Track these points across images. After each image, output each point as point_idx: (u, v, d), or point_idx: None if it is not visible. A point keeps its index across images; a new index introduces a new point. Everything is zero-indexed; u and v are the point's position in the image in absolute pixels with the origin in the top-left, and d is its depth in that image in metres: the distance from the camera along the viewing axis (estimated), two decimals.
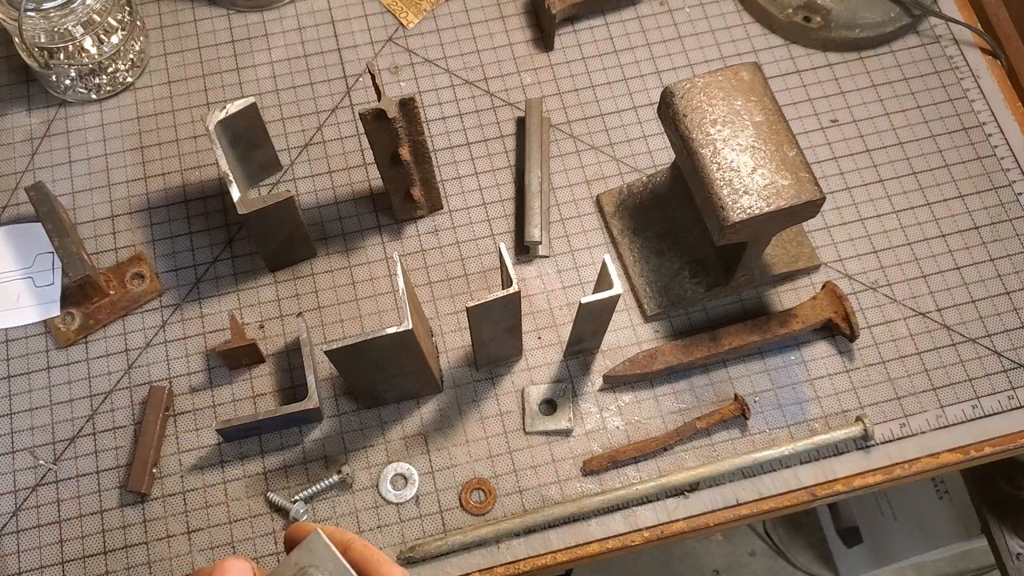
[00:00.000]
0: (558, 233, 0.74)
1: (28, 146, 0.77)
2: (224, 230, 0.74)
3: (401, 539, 0.64)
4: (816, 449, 0.66)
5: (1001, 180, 0.76)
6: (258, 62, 0.80)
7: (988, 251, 0.74)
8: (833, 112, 0.79)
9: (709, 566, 1.46)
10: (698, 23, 0.83)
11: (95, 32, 0.74)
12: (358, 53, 0.81)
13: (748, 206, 0.58)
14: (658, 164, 0.77)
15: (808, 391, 0.69)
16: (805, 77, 0.80)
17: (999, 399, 0.68)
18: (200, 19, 0.82)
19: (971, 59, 0.81)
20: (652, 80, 0.80)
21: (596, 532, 0.64)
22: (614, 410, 0.68)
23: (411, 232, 0.74)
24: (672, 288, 0.70)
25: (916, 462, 0.67)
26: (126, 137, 0.77)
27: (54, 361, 0.69)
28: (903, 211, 0.75)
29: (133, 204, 0.75)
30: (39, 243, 0.72)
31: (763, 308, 0.72)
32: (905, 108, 0.79)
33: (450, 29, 0.82)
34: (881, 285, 0.72)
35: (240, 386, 0.68)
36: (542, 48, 0.81)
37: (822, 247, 0.73)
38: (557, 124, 0.78)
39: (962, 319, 0.71)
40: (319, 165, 0.76)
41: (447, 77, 0.80)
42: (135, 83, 0.79)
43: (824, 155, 0.77)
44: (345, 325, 0.70)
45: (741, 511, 0.65)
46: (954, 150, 0.78)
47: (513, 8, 0.83)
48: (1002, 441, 0.67)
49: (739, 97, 0.61)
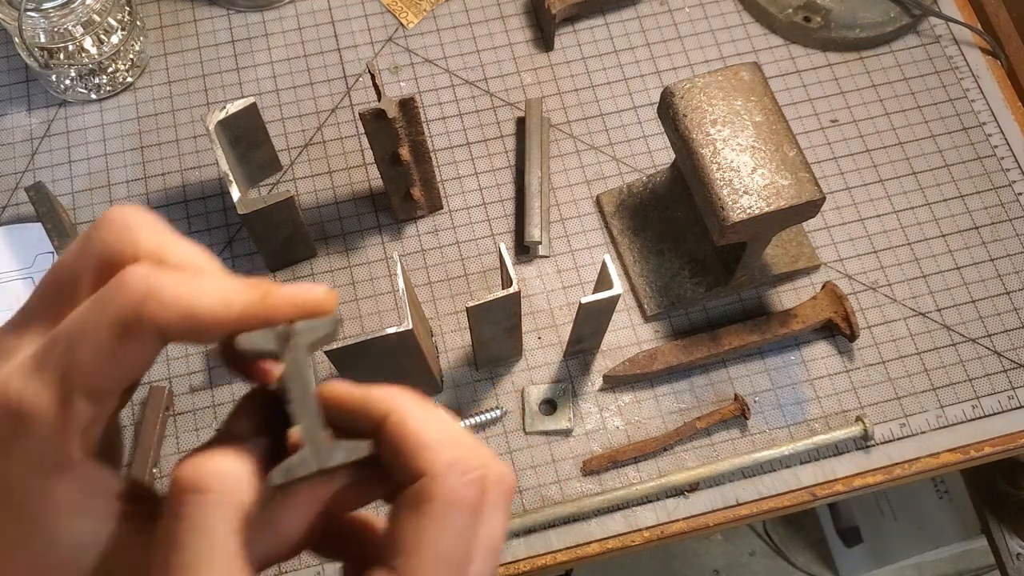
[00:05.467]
0: (558, 233, 0.74)
1: (28, 146, 0.77)
2: (224, 230, 0.74)
3: None
4: (816, 449, 0.66)
5: (1001, 180, 0.76)
6: (258, 62, 0.80)
7: (988, 251, 0.74)
8: (833, 112, 0.79)
9: (709, 566, 1.46)
10: (698, 23, 0.83)
11: (95, 32, 0.74)
12: (358, 53, 0.81)
13: (748, 206, 0.58)
14: (658, 164, 0.77)
15: (808, 391, 0.69)
16: (805, 77, 0.80)
17: (999, 399, 0.68)
18: (200, 19, 0.82)
19: (971, 59, 0.81)
20: (652, 80, 0.80)
21: (596, 532, 0.64)
22: (614, 410, 0.68)
23: (411, 232, 0.74)
24: (672, 288, 0.70)
25: (916, 462, 0.67)
26: (126, 137, 0.77)
27: None
28: (903, 211, 0.75)
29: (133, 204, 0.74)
30: (39, 243, 0.72)
31: (763, 308, 0.72)
32: (905, 108, 0.79)
33: (450, 29, 0.82)
34: (881, 285, 0.72)
35: (240, 386, 0.68)
36: (542, 48, 0.81)
37: (822, 247, 0.73)
38: (557, 124, 0.78)
39: (962, 319, 0.71)
40: (319, 165, 0.76)
41: (447, 77, 0.80)
42: (135, 83, 0.79)
43: (824, 155, 0.77)
44: (345, 325, 0.70)
45: (741, 511, 0.65)
46: (954, 150, 0.78)
47: (513, 8, 0.83)
48: (1002, 441, 0.67)
49: (739, 97, 0.61)
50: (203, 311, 0.25)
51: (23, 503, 0.24)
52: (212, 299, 0.25)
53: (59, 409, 0.24)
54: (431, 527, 0.26)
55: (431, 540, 0.25)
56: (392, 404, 0.27)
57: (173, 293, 0.24)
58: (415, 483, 0.26)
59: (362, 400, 0.28)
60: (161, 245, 0.26)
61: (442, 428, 0.27)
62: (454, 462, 0.26)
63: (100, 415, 0.25)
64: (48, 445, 0.24)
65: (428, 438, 0.27)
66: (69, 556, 0.25)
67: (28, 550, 0.25)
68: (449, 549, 0.26)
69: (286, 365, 0.27)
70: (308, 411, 0.27)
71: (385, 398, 0.28)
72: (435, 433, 0.27)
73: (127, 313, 0.24)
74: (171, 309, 0.24)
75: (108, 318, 0.24)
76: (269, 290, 0.26)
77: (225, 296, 0.25)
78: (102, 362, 0.24)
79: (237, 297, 0.26)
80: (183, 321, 0.24)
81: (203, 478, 0.25)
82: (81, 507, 0.25)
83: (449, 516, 0.26)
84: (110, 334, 0.24)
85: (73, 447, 0.25)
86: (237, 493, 0.25)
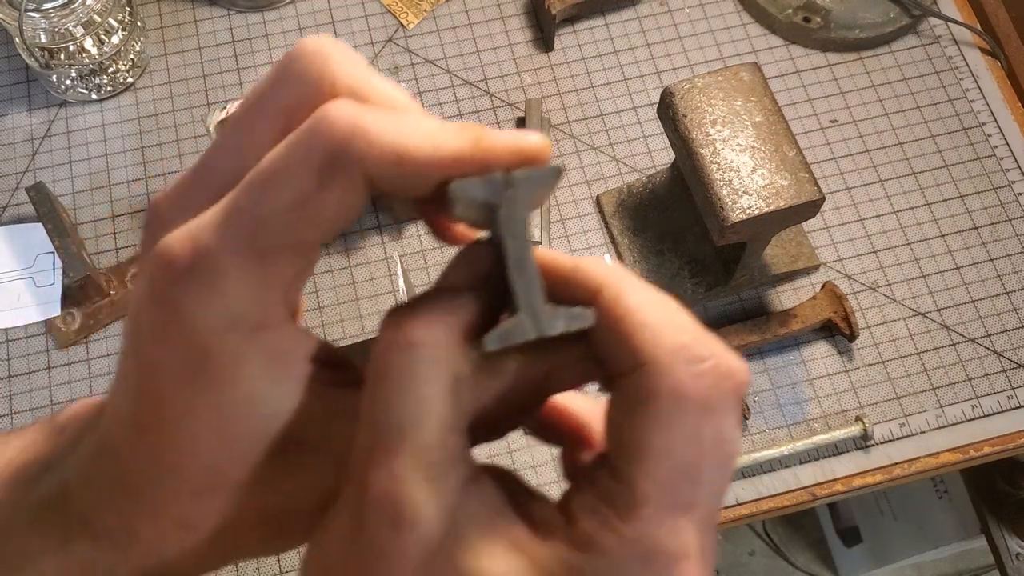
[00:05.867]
0: (558, 233, 0.74)
1: (28, 146, 0.77)
2: None
3: None
4: (815, 449, 0.66)
5: (1001, 180, 0.76)
6: (258, 62, 0.80)
7: (988, 251, 0.74)
8: (833, 112, 0.79)
9: None
10: (698, 23, 0.83)
11: (95, 32, 0.74)
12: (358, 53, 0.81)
13: (748, 206, 0.58)
14: (658, 164, 0.77)
15: (808, 391, 0.69)
16: (805, 77, 0.80)
17: (999, 399, 0.69)
18: (200, 19, 0.82)
19: (971, 59, 0.81)
20: (652, 80, 0.80)
21: None
22: None
23: (411, 232, 0.74)
24: (672, 288, 0.71)
25: (916, 462, 0.67)
26: (126, 137, 0.77)
27: (55, 361, 0.69)
28: (903, 211, 0.75)
29: (133, 204, 0.75)
30: (39, 243, 0.72)
31: (763, 308, 0.72)
32: (905, 108, 0.79)
33: (450, 29, 0.82)
34: (881, 285, 0.72)
35: None
36: (542, 48, 0.81)
37: (822, 247, 0.73)
38: (557, 124, 0.78)
39: (962, 319, 0.71)
40: None
41: (447, 77, 0.80)
42: (136, 83, 0.79)
43: (824, 155, 0.77)
44: (345, 325, 0.70)
45: (740, 511, 0.65)
46: (954, 150, 0.78)
47: (513, 8, 0.83)
48: (1002, 441, 0.68)
49: (739, 97, 0.61)
50: (414, 152, 0.22)
51: (221, 364, 0.22)
52: (422, 140, 0.22)
53: (257, 265, 0.22)
54: (658, 429, 0.22)
55: (659, 444, 0.22)
56: (606, 278, 0.24)
57: (381, 131, 0.22)
58: (636, 373, 0.22)
59: (573, 269, 0.24)
60: (361, 81, 0.23)
61: (664, 308, 0.23)
62: (680, 348, 0.22)
63: (301, 272, 0.23)
64: (247, 304, 0.22)
65: (648, 318, 0.23)
66: (261, 425, 0.23)
67: (217, 414, 0.23)
68: (679, 454, 0.22)
69: (503, 220, 0.23)
70: (527, 272, 0.23)
71: (598, 270, 0.24)
72: (656, 313, 0.23)
73: (332, 153, 0.21)
74: (380, 148, 0.21)
75: (310, 159, 0.21)
76: (482, 134, 0.23)
77: (435, 137, 0.22)
78: (303, 210, 0.21)
79: (449, 139, 0.22)
80: (393, 162, 0.22)
81: (412, 332, 0.22)
82: (278, 372, 0.23)
83: (678, 415, 0.22)
84: (312, 177, 0.21)
85: (273, 307, 0.23)
86: (448, 352, 0.22)
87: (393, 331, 0.23)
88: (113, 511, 0.24)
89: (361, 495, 0.22)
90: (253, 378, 0.23)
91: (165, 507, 0.24)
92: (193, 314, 0.22)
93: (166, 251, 0.22)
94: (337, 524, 0.23)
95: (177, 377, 0.22)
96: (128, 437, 0.24)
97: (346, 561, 0.22)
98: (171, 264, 0.22)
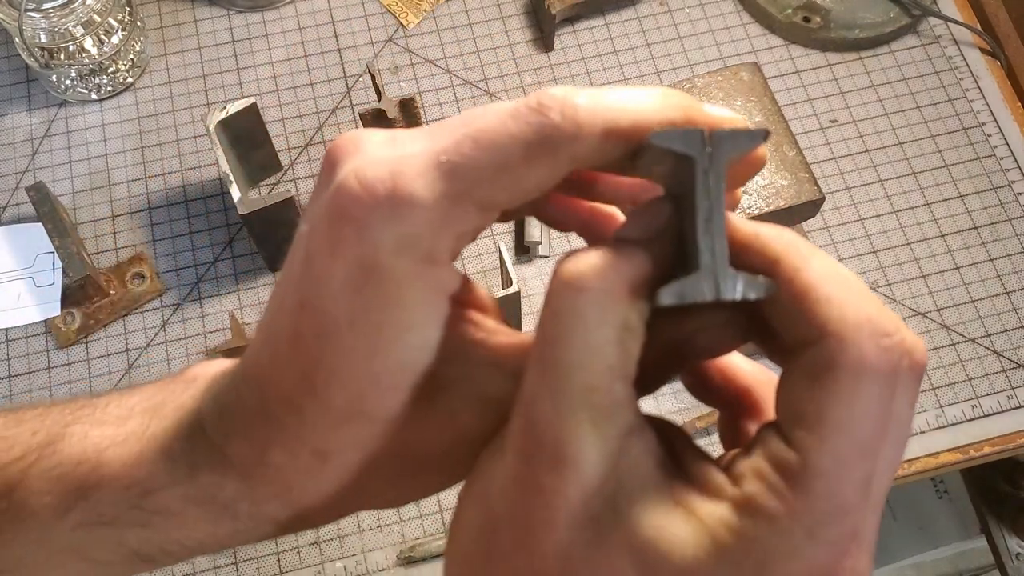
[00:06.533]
0: (558, 233, 0.74)
1: (28, 146, 0.77)
2: (224, 230, 0.74)
3: (401, 538, 0.64)
4: None
5: (1000, 180, 0.76)
6: (258, 62, 0.80)
7: (987, 251, 0.74)
8: (833, 112, 0.79)
9: None
10: (698, 23, 0.83)
11: (95, 32, 0.74)
12: (358, 53, 0.81)
13: (747, 206, 0.58)
14: None
15: None
16: (805, 77, 0.80)
17: (999, 399, 0.69)
18: (200, 19, 0.82)
19: (971, 59, 0.81)
20: (652, 80, 0.80)
21: None
22: None
23: None
24: None
25: (915, 462, 0.67)
26: (126, 137, 0.77)
27: (55, 361, 0.69)
28: (902, 211, 0.75)
29: (133, 204, 0.75)
30: (39, 243, 0.72)
31: None
32: (904, 108, 0.79)
33: (450, 29, 0.82)
34: (881, 285, 0.72)
35: None
36: (542, 48, 0.81)
37: (822, 247, 0.73)
38: None
39: (961, 319, 0.71)
40: (319, 165, 0.76)
41: (447, 77, 0.80)
42: (135, 83, 0.79)
43: (824, 155, 0.77)
44: None
45: None
46: (953, 150, 0.78)
47: (513, 8, 0.83)
48: (1002, 441, 0.68)
49: (739, 97, 0.61)
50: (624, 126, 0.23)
51: (388, 282, 0.23)
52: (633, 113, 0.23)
53: (448, 208, 0.23)
54: (839, 401, 0.21)
55: (839, 417, 0.21)
56: (787, 248, 0.23)
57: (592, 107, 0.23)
58: (819, 344, 0.22)
59: (753, 236, 0.24)
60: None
61: (847, 281, 0.22)
62: (864, 322, 0.22)
63: (475, 230, 0.24)
64: (424, 238, 0.23)
65: (832, 291, 0.22)
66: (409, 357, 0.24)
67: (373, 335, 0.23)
68: (859, 429, 0.21)
69: (699, 176, 0.23)
70: (715, 232, 0.23)
71: (779, 239, 0.23)
72: (840, 286, 0.22)
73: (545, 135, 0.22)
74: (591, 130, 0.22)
75: (525, 132, 0.22)
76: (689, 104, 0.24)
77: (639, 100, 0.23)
78: (505, 176, 0.23)
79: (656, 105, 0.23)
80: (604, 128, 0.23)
81: (587, 277, 0.22)
82: (434, 306, 0.24)
83: (861, 389, 0.21)
84: (522, 151, 0.22)
85: (445, 247, 0.23)
86: (620, 301, 0.22)
87: (567, 275, 0.23)
88: (247, 439, 0.25)
89: (525, 432, 0.22)
90: (414, 304, 0.23)
91: (303, 435, 0.24)
92: (373, 232, 0.22)
93: (362, 175, 0.23)
94: (499, 458, 0.23)
95: (344, 286, 0.23)
96: (278, 355, 0.24)
97: (506, 496, 0.23)
98: (369, 188, 0.23)
